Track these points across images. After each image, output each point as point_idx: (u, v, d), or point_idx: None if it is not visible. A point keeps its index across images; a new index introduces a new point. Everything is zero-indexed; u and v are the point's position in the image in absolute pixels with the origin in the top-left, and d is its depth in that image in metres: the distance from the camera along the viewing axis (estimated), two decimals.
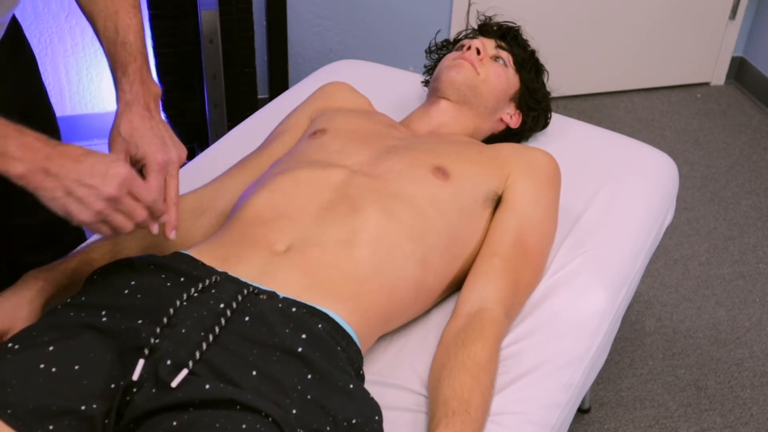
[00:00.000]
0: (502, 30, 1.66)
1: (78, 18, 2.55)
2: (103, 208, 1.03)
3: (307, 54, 2.86)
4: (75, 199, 1.02)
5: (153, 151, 1.12)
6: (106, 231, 1.06)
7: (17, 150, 1.00)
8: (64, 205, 1.02)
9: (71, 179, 1.01)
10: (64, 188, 1.01)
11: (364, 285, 1.17)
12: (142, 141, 1.13)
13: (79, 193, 1.02)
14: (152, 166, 1.12)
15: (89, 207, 1.02)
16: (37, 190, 1.01)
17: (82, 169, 1.02)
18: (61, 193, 1.01)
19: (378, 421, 1.05)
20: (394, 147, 1.40)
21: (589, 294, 1.37)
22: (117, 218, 1.05)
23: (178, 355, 0.99)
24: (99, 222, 1.04)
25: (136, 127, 1.14)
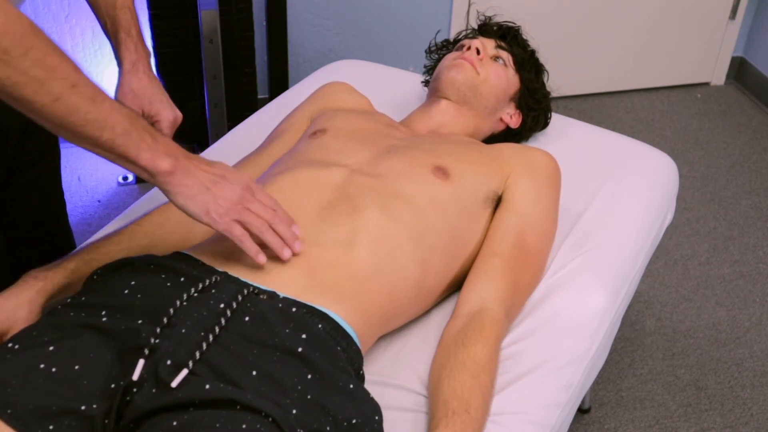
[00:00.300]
0: (502, 30, 1.66)
1: (78, 18, 2.55)
2: (235, 204, 1.08)
3: (307, 54, 2.86)
4: (212, 196, 1.06)
5: (165, 109, 1.22)
6: (238, 232, 1.09)
7: (165, 147, 1.04)
8: (203, 202, 1.06)
9: (208, 179, 1.06)
10: (203, 186, 1.06)
11: (364, 285, 1.17)
12: (154, 99, 1.21)
13: (215, 190, 1.06)
14: (165, 123, 1.22)
15: (226, 203, 1.07)
16: (177, 187, 1.05)
17: (215, 170, 1.08)
18: (199, 190, 1.05)
19: (378, 421, 1.05)
20: (394, 147, 1.40)
21: (589, 294, 1.37)
22: (249, 216, 1.09)
23: (178, 355, 0.99)
24: (232, 221, 1.08)
25: (146, 84, 1.22)
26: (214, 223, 1.08)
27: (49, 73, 0.92)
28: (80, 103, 0.95)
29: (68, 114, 0.95)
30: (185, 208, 1.07)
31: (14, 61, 0.90)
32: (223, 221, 1.08)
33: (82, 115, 0.95)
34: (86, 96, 0.96)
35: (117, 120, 0.99)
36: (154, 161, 1.02)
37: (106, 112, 0.98)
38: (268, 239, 1.10)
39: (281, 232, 1.12)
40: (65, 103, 0.94)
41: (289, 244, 1.12)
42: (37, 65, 0.91)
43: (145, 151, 1.01)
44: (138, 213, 1.43)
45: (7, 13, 0.89)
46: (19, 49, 0.90)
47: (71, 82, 0.94)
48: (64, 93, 0.94)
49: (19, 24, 0.90)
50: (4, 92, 0.92)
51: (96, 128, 0.97)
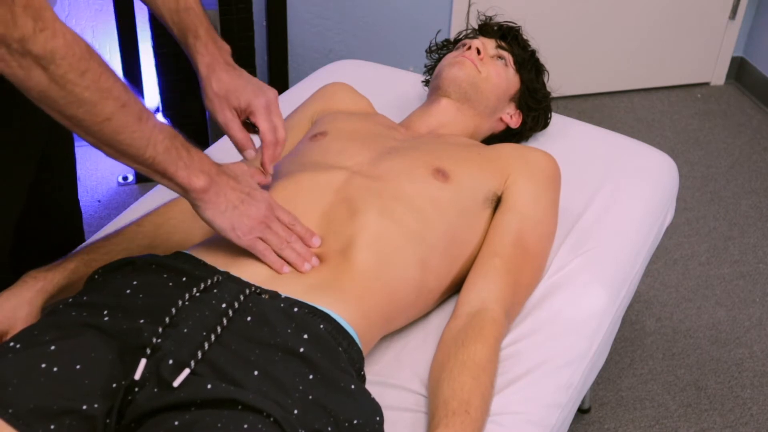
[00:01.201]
0: (502, 30, 1.66)
1: (78, 18, 2.55)
2: (259, 223, 1.12)
3: (307, 54, 2.86)
4: (239, 214, 1.11)
5: (253, 97, 1.20)
6: (261, 247, 1.13)
7: (200, 164, 1.07)
8: (229, 219, 1.10)
9: (236, 196, 1.11)
10: (231, 204, 1.10)
11: (365, 286, 1.17)
12: (239, 92, 1.20)
13: (242, 208, 1.11)
14: (259, 110, 1.21)
15: (250, 221, 1.11)
16: (207, 204, 1.09)
17: (242, 187, 1.12)
18: (227, 208, 1.10)
19: (379, 421, 1.05)
20: (394, 148, 1.40)
21: (589, 294, 1.37)
22: (270, 234, 1.13)
23: (180, 355, 0.99)
24: (256, 238, 1.13)
25: (228, 82, 1.20)
26: (237, 240, 1.12)
27: (102, 94, 0.95)
28: (128, 122, 0.98)
29: (116, 133, 0.98)
30: (212, 223, 1.11)
31: (70, 84, 0.92)
32: (247, 238, 1.12)
33: (129, 134, 0.98)
34: (134, 115, 0.98)
35: (159, 138, 1.02)
36: (190, 178, 1.06)
37: (150, 130, 1.01)
38: (286, 255, 1.15)
39: (298, 249, 1.16)
40: (114, 123, 0.97)
41: (306, 258, 1.17)
42: (92, 87, 0.93)
43: (183, 168, 1.05)
44: (138, 213, 1.43)
45: (66, 37, 0.90)
46: (76, 72, 0.92)
47: (121, 102, 0.97)
48: (114, 113, 0.96)
49: (77, 47, 0.92)
50: (57, 111, 0.94)
51: (140, 146, 1.00)
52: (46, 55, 0.89)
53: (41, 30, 0.88)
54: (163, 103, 2.58)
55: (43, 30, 0.88)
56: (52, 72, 0.90)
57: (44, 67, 0.89)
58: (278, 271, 1.14)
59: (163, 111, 2.60)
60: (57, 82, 0.91)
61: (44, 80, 0.90)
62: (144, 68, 2.55)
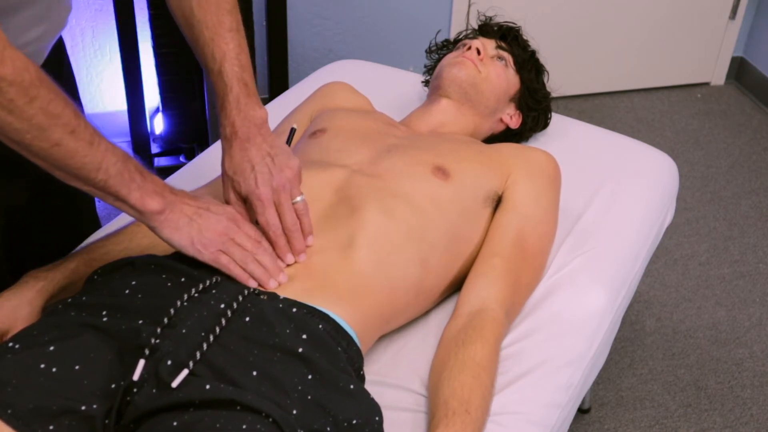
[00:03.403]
0: (502, 30, 1.66)
1: (78, 18, 2.55)
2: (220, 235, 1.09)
3: (307, 54, 2.86)
4: (197, 228, 1.08)
5: (253, 186, 1.13)
6: (224, 260, 1.10)
7: (153, 185, 1.05)
8: (188, 233, 1.08)
9: (192, 211, 1.08)
10: (187, 218, 1.08)
11: (364, 285, 1.17)
12: (242, 177, 1.14)
13: (200, 221, 1.08)
14: (254, 202, 1.14)
15: (210, 234, 1.09)
16: (164, 223, 1.07)
17: (199, 203, 1.09)
18: (184, 222, 1.07)
19: (378, 421, 1.04)
20: (394, 146, 1.40)
21: (589, 294, 1.37)
22: (233, 248, 1.10)
23: (178, 356, 0.99)
24: (218, 251, 1.10)
25: (237, 163, 1.14)
26: (199, 255, 1.09)
27: (51, 120, 0.94)
28: (78, 147, 0.97)
29: (66, 158, 0.97)
30: (171, 241, 1.08)
31: (18, 110, 0.91)
32: (208, 252, 1.09)
33: (79, 158, 0.97)
34: (84, 140, 0.97)
35: (111, 162, 1.00)
36: (144, 200, 1.04)
37: (102, 154, 0.99)
38: (251, 270, 1.11)
39: (265, 263, 1.12)
40: (64, 148, 0.96)
41: (273, 275, 1.13)
42: (41, 113, 0.93)
43: (135, 190, 1.03)
44: None
45: (15, 63, 0.90)
46: (25, 99, 0.91)
47: (71, 128, 0.96)
48: (63, 138, 0.95)
49: (26, 73, 0.91)
50: (4, 136, 0.93)
51: (92, 170, 0.99)
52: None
53: None
54: (163, 103, 2.58)
55: None
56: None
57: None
58: (245, 284, 1.11)
59: (163, 111, 2.60)
60: (4, 107, 0.90)
61: None
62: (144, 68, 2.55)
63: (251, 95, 1.15)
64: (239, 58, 1.16)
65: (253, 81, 1.17)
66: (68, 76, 1.40)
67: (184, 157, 2.63)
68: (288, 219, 1.15)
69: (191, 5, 1.16)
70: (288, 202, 1.15)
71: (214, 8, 1.16)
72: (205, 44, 1.16)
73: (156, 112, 2.68)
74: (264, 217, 1.14)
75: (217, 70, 1.15)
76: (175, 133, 2.62)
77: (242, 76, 1.15)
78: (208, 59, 1.16)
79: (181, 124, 2.59)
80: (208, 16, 1.15)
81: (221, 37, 1.15)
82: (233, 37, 1.16)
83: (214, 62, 1.15)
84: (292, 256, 1.16)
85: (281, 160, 1.15)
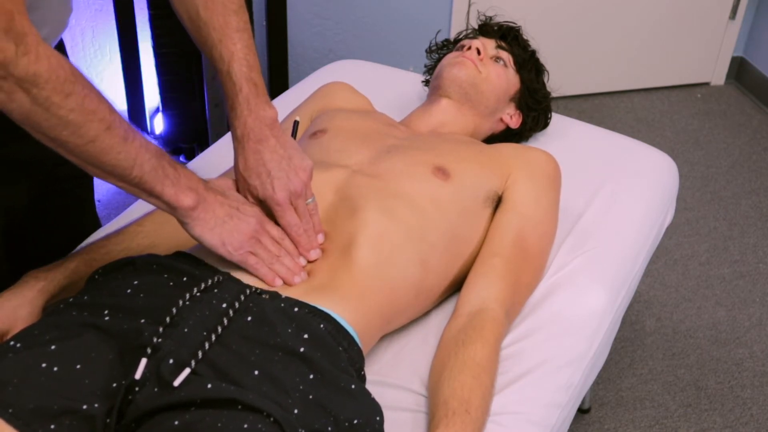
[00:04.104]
0: (502, 30, 1.66)
1: (78, 18, 2.55)
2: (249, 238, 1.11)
3: (307, 54, 2.86)
4: (228, 229, 1.09)
5: (271, 192, 1.14)
6: (253, 261, 1.12)
7: (187, 181, 1.06)
8: (219, 234, 1.09)
9: (224, 211, 1.09)
10: (219, 219, 1.09)
11: (365, 285, 1.17)
12: (258, 181, 1.15)
13: (231, 224, 1.09)
14: (273, 207, 1.15)
15: (240, 236, 1.10)
16: (197, 221, 1.07)
17: (230, 202, 1.10)
18: (216, 223, 1.08)
19: (379, 421, 1.05)
20: (394, 146, 1.40)
21: (589, 294, 1.37)
22: (261, 249, 1.12)
23: (180, 355, 0.99)
24: (247, 252, 1.11)
25: (251, 166, 1.15)
26: (229, 255, 1.11)
27: (87, 117, 0.94)
28: (113, 143, 0.97)
29: (101, 154, 0.97)
30: (201, 239, 1.09)
31: (54, 107, 0.91)
32: (238, 254, 1.11)
33: (114, 154, 0.97)
34: (119, 136, 0.97)
35: (146, 158, 1.01)
36: (177, 196, 1.04)
37: (136, 150, 0.99)
38: (277, 269, 1.14)
39: (287, 263, 1.15)
40: (99, 144, 0.96)
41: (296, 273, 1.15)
42: (76, 109, 0.93)
43: (170, 186, 1.04)
44: (138, 213, 1.43)
45: (50, 60, 0.90)
46: (60, 95, 0.91)
47: (107, 124, 0.96)
48: (99, 135, 0.95)
49: (61, 70, 0.91)
50: (41, 133, 0.93)
51: (126, 166, 0.99)
52: (29, 78, 0.88)
53: (24, 54, 0.87)
54: (163, 103, 2.58)
55: (26, 54, 0.87)
56: (35, 95, 0.89)
57: (27, 90, 0.88)
58: (270, 284, 1.13)
59: (163, 111, 2.60)
60: (40, 104, 0.90)
61: (26, 103, 0.89)
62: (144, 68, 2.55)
63: (260, 95, 1.16)
64: (247, 58, 1.16)
65: (262, 80, 1.17)
66: None
67: (184, 157, 2.63)
68: (303, 221, 1.17)
69: (197, 7, 1.16)
70: (304, 206, 1.17)
71: (221, 9, 1.16)
72: (213, 46, 1.16)
73: (156, 112, 2.68)
74: (285, 219, 1.16)
75: (226, 71, 1.15)
76: (175, 133, 2.62)
77: (251, 76, 1.15)
78: (216, 60, 1.16)
79: (181, 124, 2.60)
80: (215, 18, 1.16)
81: (229, 37, 1.16)
82: (240, 37, 1.16)
83: (222, 63, 1.15)
84: (309, 255, 1.18)
85: (296, 163, 1.15)
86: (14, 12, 0.86)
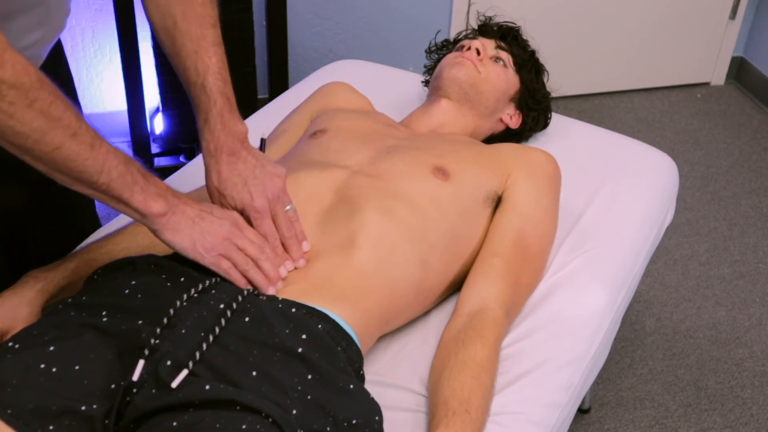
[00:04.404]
0: (502, 30, 1.66)
1: (78, 18, 2.55)
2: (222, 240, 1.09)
3: (307, 54, 2.86)
4: (199, 231, 1.08)
5: (249, 199, 1.14)
6: (225, 265, 1.10)
7: (156, 188, 1.05)
8: (189, 236, 1.07)
9: (195, 213, 1.08)
10: (190, 220, 1.07)
11: (364, 285, 1.17)
12: (234, 191, 1.14)
13: (202, 225, 1.08)
14: (252, 214, 1.14)
15: (212, 237, 1.08)
16: (166, 225, 1.06)
17: (202, 206, 1.09)
18: (186, 225, 1.07)
19: (378, 421, 1.04)
20: (394, 146, 1.40)
21: (589, 294, 1.37)
22: (235, 253, 1.10)
23: (178, 356, 0.99)
24: (219, 255, 1.09)
25: (226, 178, 1.14)
26: (201, 258, 1.09)
27: (52, 123, 0.93)
28: (80, 150, 0.96)
29: (67, 161, 0.96)
30: (172, 243, 1.08)
31: (18, 113, 0.90)
32: (210, 256, 1.09)
33: (81, 161, 0.97)
34: (86, 143, 0.97)
35: (113, 164, 1.00)
36: (147, 202, 1.04)
37: (104, 157, 0.99)
38: (251, 276, 1.12)
39: (266, 269, 1.13)
40: (65, 151, 0.95)
41: (272, 282, 1.13)
42: (41, 116, 0.92)
43: (138, 193, 1.03)
44: None
45: (15, 66, 0.89)
46: (25, 102, 0.90)
47: (72, 130, 0.95)
48: (65, 142, 0.95)
49: (27, 76, 0.90)
50: (4, 140, 0.93)
51: (93, 173, 0.98)
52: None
53: None
54: (163, 103, 2.57)
55: None
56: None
57: None
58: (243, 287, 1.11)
59: (163, 111, 2.60)
60: (4, 111, 0.89)
61: None
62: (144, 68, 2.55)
63: (233, 110, 1.16)
64: (221, 73, 1.16)
65: (233, 96, 1.17)
66: (66, 78, 1.40)
67: (184, 157, 2.63)
68: (285, 228, 1.16)
69: (174, 18, 1.15)
70: (283, 212, 1.16)
71: (198, 21, 1.15)
72: (188, 56, 1.15)
73: (156, 112, 2.68)
74: (262, 228, 1.14)
75: (200, 84, 1.15)
76: (175, 133, 2.62)
77: (225, 91, 1.15)
78: (190, 72, 1.15)
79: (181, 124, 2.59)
80: (192, 29, 1.15)
81: (205, 50, 1.15)
82: (216, 51, 1.16)
83: (197, 75, 1.15)
84: (292, 263, 1.16)
85: (269, 170, 1.15)
86: None
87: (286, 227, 1.16)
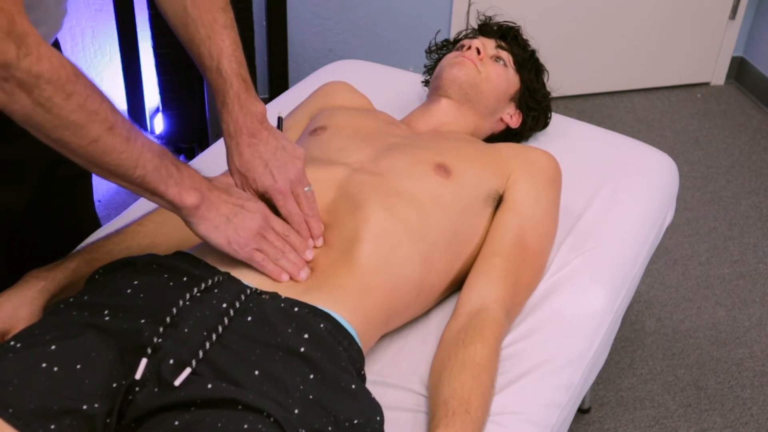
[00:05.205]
0: (502, 30, 1.66)
1: (78, 18, 2.55)
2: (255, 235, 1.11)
3: (307, 54, 2.86)
4: (233, 227, 1.09)
5: (272, 181, 1.15)
6: (259, 258, 1.12)
7: (191, 181, 1.05)
8: (224, 233, 1.09)
9: (229, 209, 1.09)
10: (224, 217, 1.09)
11: (365, 284, 1.17)
12: (257, 173, 1.15)
13: (236, 221, 1.09)
14: (275, 196, 1.16)
15: (246, 233, 1.10)
16: (201, 220, 1.07)
17: (234, 200, 1.10)
18: (221, 222, 1.08)
19: (379, 421, 1.05)
20: (395, 144, 1.40)
21: (589, 294, 1.37)
22: (267, 245, 1.12)
23: (180, 355, 0.99)
24: (253, 250, 1.11)
25: (247, 159, 1.15)
26: (235, 253, 1.11)
27: (89, 117, 0.93)
28: (116, 143, 0.97)
29: (104, 154, 0.97)
30: (207, 238, 1.09)
31: (56, 108, 0.91)
32: (244, 251, 1.11)
33: (117, 155, 0.97)
34: (122, 136, 0.97)
35: (148, 157, 1.00)
36: (181, 195, 1.04)
37: (139, 150, 0.99)
38: (283, 265, 1.14)
39: (292, 258, 1.15)
40: (102, 145, 0.96)
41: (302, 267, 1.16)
42: (78, 110, 0.92)
43: (173, 186, 1.04)
44: (138, 213, 1.43)
45: (52, 61, 0.90)
46: (61, 96, 0.90)
47: (109, 124, 0.95)
48: (101, 135, 0.95)
49: (63, 70, 0.91)
50: (42, 134, 0.93)
51: (129, 166, 0.99)
52: (30, 79, 0.88)
53: (25, 55, 0.87)
54: (163, 103, 2.58)
55: (28, 55, 0.87)
56: (36, 96, 0.89)
57: (28, 91, 0.88)
58: (277, 280, 1.13)
59: (163, 111, 2.60)
60: (42, 105, 0.90)
61: (28, 104, 0.89)
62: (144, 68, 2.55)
63: (249, 90, 1.17)
64: (236, 55, 1.17)
65: (249, 77, 1.18)
66: None
67: (184, 157, 2.63)
68: (306, 207, 1.18)
69: (185, 4, 1.16)
70: (304, 192, 1.18)
71: (209, 6, 1.16)
72: (201, 42, 1.16)
73: (156, 112, 2.68)
74: (286, 208, 1.16)
75: (215, 68, 1.16)
76: (175, 133, 2.62)
77: (240, 72, 1.16)
78: (204, 57, 1.16)
79: (181, 124, 2.60)
80: (203, 14, 1.16)
81: (217, 34, 1.16)
82: (229, 34, 1.17)
83: (211, 60, 1.16)
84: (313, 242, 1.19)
85: (290, 151, 1.17)
86: (14, 13, 0.86)
87: (308, 207, 1.18)
